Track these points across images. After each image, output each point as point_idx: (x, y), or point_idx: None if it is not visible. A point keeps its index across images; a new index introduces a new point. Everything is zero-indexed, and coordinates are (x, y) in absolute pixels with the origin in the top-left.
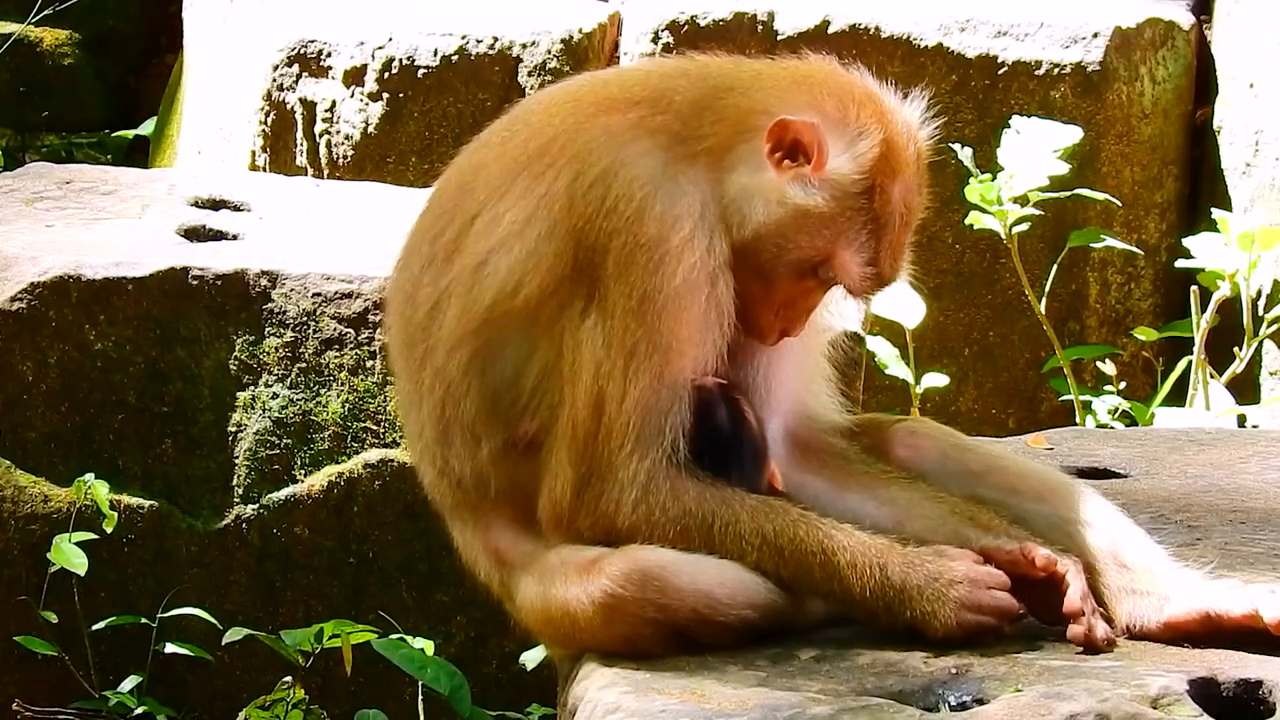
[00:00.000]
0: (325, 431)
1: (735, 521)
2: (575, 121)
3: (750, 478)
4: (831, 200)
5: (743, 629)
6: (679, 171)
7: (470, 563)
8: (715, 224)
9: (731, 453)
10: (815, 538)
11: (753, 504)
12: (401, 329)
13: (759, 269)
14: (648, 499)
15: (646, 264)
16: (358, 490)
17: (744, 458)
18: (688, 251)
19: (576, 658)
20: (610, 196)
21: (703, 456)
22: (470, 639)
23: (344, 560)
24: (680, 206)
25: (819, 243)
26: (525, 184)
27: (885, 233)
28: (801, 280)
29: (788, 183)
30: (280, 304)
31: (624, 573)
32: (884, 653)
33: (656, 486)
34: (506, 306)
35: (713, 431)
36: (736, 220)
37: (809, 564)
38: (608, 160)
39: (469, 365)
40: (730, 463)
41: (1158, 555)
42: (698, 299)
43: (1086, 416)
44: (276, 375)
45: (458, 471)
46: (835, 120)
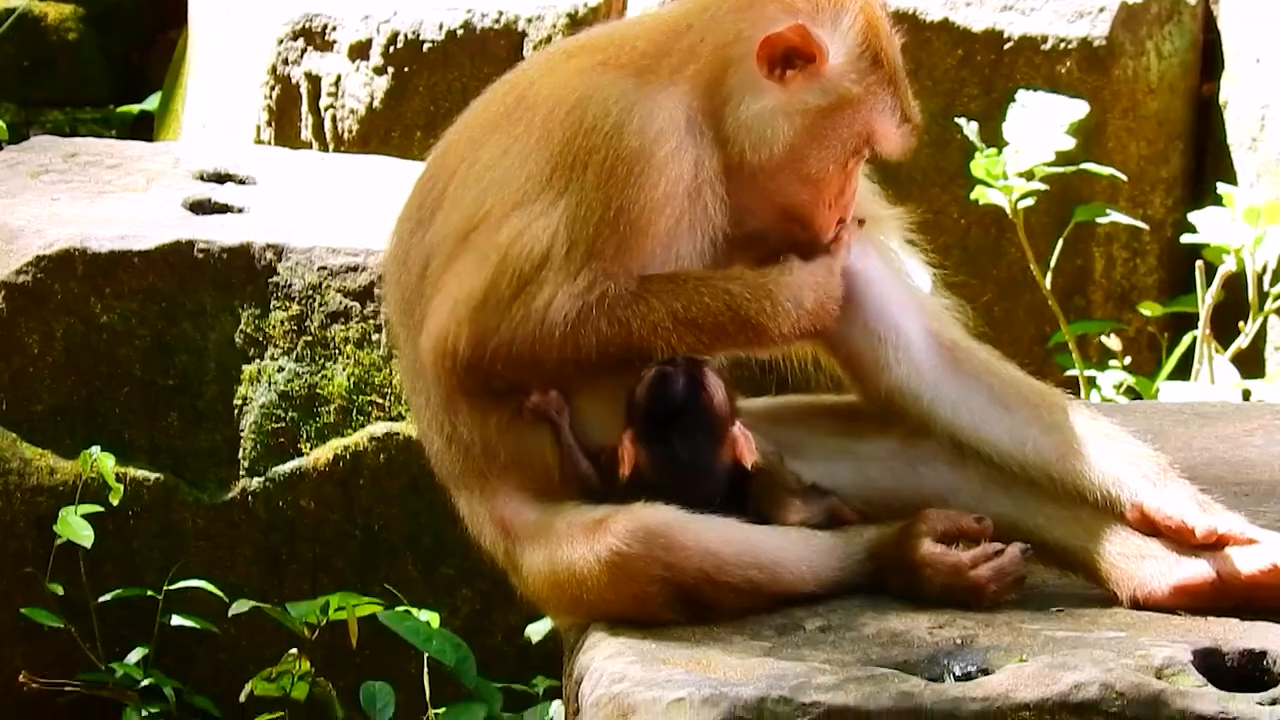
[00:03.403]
0: (331, 405)
1: (649, 310)
2: (548, 69)
3: (699, 448)
4: (850, 85)
5: (750, 591)
6: (656, 91)
7: (475, 533)
8: (708, 144)
9: (677, 422)
10: (720, 299)
11: (659, 287)
12: (398, 296)
13: (805, 177)
14: (578, 311)
15: (626, 176)
16: (363, 463)
17: (694, 428)
18: (672, 164)
19: (583, 627)
20: (588, 118)
21: (648, 425)
22: (475, 611)
23: (349, 533)
24: (661, 121)
25: (857, 128)
26: (503, 129)
27: (900, 84)
28: (846, 166)
29: (800, 92)
30: (286, 277)
31: (630, 530)
32: (889, 623)
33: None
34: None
35: (663, 402)
36: (752, 143)
37: (722, 325)
38: (582, 90)
39: None
40: (675, 432)
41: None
42: (676, 213)
43: (1092, 391)
44: (282, 348)
45: (465, 439)
46: (811, 13)
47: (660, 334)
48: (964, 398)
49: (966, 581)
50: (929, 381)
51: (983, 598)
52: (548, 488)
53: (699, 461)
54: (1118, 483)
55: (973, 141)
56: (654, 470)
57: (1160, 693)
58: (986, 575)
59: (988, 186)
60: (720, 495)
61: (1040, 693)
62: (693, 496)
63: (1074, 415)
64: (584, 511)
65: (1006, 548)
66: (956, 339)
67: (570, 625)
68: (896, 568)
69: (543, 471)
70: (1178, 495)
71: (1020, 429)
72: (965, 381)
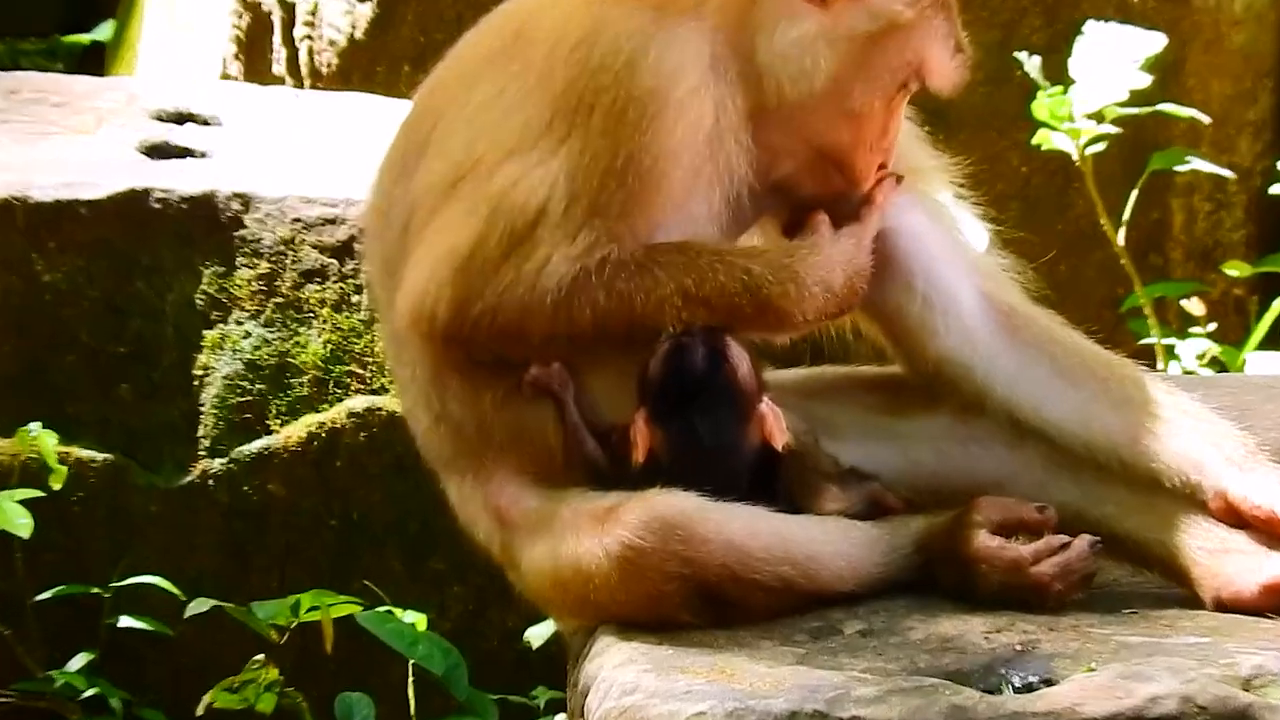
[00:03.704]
0: (304, 376)
1: (654, 285)
2: (550, 2)
3: (721, 427)
4: (901, 8)
5: (780, 590)
6: (676, 24)
7: (468, 523)
8: (733, 82)
9: (697, 398)
10: (737, 279)
11: (668, 258)
12: (380, 253)
13: (847, 113)
14: (574, 278)
15: (638, 120)
16: (341, 442)
17: (716, 405)
18: (691, 105)
19: (590, 630)
20: (595, 55)
21: (664, 401)
22: (468, 612)
23: (325, 522)
24: (680, 56)
25: (906, 55)
26: (499, 66)
27: (952, 9)
28: (890, 102)
29: (845, 16)
30: (254, 230)
31: (643, 521)
32: (939, 627)
33: (585, 274)
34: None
35: (681, 375)
36: (790, 75)
37: (738, 307)
38: (589, 23)
39: None
40: (694, 410)
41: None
42: (694, 164)
43: (1170, 362)
44: (249, 311)
45: (457, 417)
46: None
47: (668, 311)
48: (1023, 370)
49: (1027, 579)
50: (983, 351)
51: (1046, 597)
52: (550, 472)
53: (722, 442)
54: (1198, 467)
55: (1034, 79)
56: (671, 453)
57: (1248, 707)
58: (1050, 572)
59: (1051, 130)
60: (746, 481)
61: (1111, 707)
62: (715, 482)
63: (1148, 390)
64: (591, 499)
65: (1072, 541)
66: (1014, 303)
67: (576, 628)
68: (947, 563)
69: (544, 454)
70: (1267, 481)
71: (1087, 405)
72: (1024, 351)
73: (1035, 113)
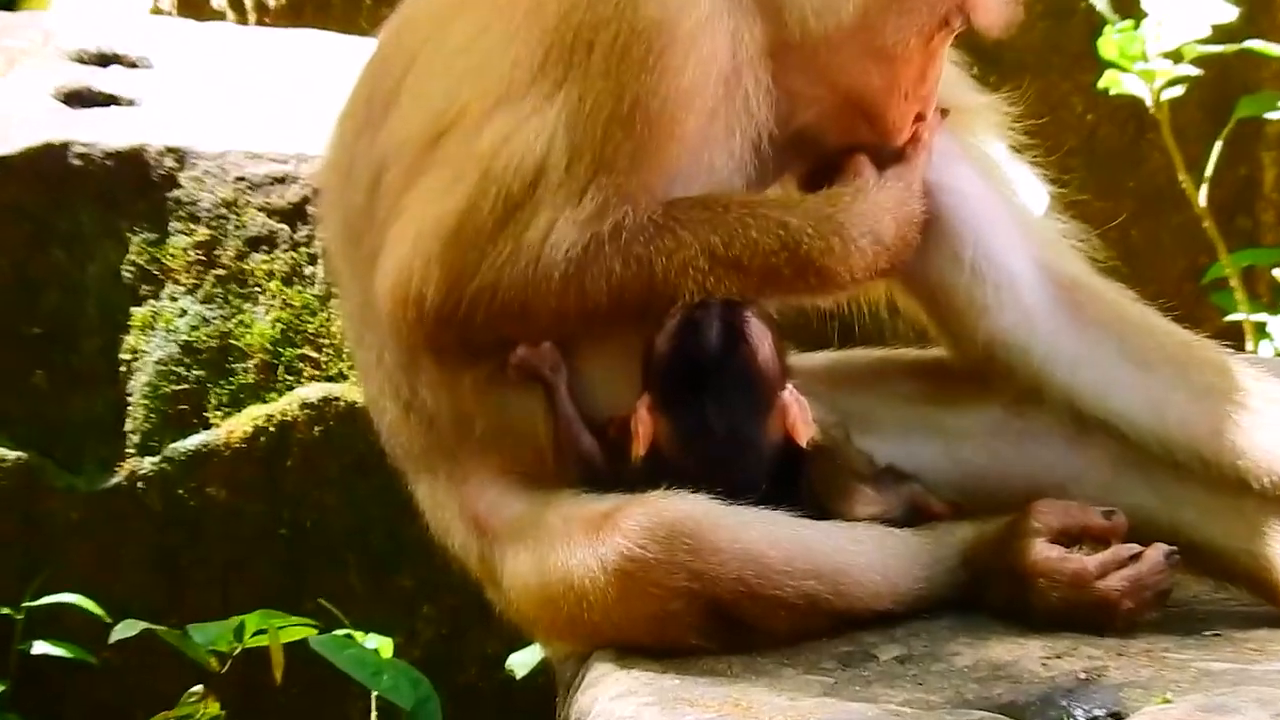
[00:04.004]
0: (250, 360)
1: (677, 246)
2: None
3: (738, 419)
4: None
5: (805, 609)
6: None
7: (441, 531)
8: (750, 12)
9: (709, 384)
10: (772, 234)
11: (691, 214)
12: (340, 218)
13: (879, 53)
14: (584, 246)
15: (644, 57)
16: (292, 438)
17: (732, 392)
18: (703, 38)
19: (584, 657)
20: None
21: (672, 387)
22: (441, 636)
23: (273, 530)
24: None
25: None
26: None
27: None
28: (929, 42)
29: None
30: (191, 191)
31: (645, 528)
32: (990, 652)
33: (597, 241)
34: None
35: (691, 357)
36: (815, 8)
37: (774, 268)
38: None
39: None
40: (707, 398)
41: None
42: (709, 106)
43: (1260, 342)
44: (185, 285)
45: (430, 406)
46: None
47: (693, 277)
48: (1088, 353)
49: (1093, 595)
50: (1041, 331)
51: (1114, 617)
52: (538, 471)
53: (738, 436)
54: None
55: (1101, 12)
56: (678, 448)
57: None
58: (1119, 587)
59: (1121, 72)
60: (766, 481)
61: None
62: (729, 483)
63: (1234, 375)
64: (586, 503)
65: (1145, 551)
66: (1078, 275)
67: (567, 654)
68: (999, 578)
69: (531, 449)
70: None
71: (1162, 394)
72: (1089, 331)
73: (1102, 52)
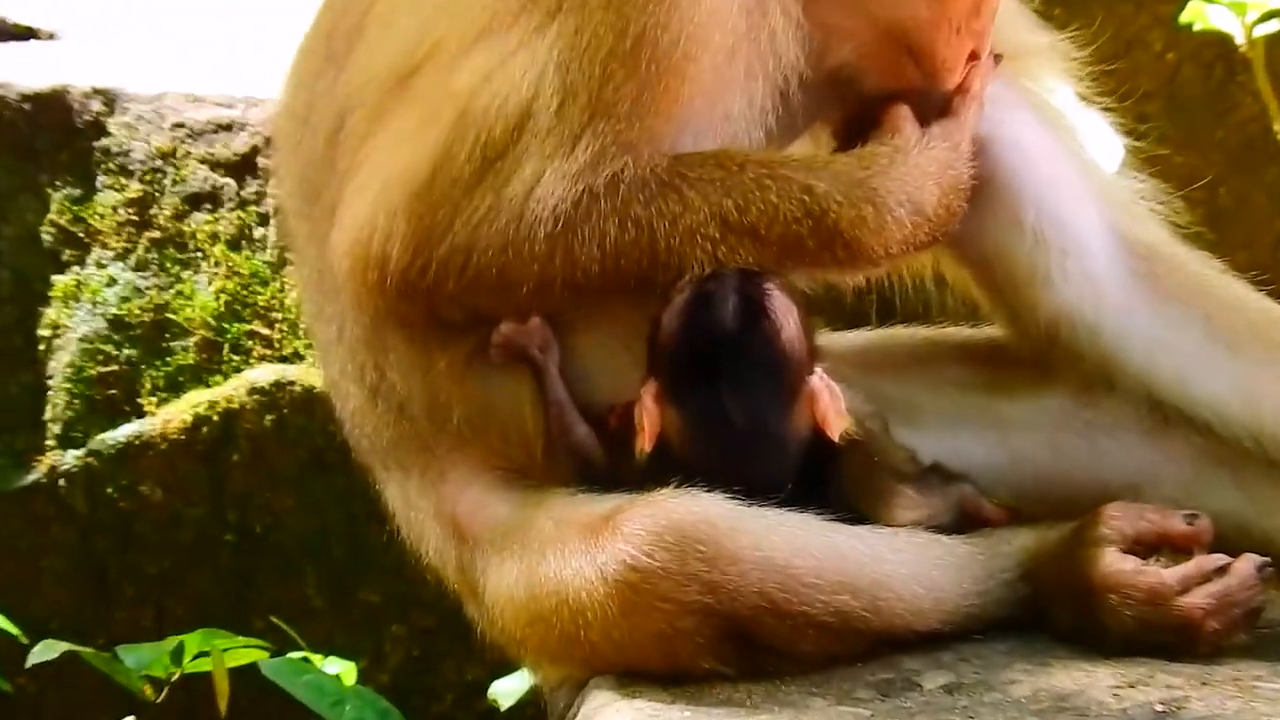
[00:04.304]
0: (190, 337)
1: (683, 209)
2: None
3: (758, 408)
4: None
5: (838, 628)
6: None
7: (413, 536)
8: None
9: (726, 369)
10: (795, 199)
11: (700, 172)
12: (297, 172)
13: None
14: (576, 202)
15: None
16: (239, 428)
17: (751, 378)
18: None
19: (580, 684)
20: None
21: (681, 372)
22: (412, 660)
23: (217, 537)
24: None
25: None
26: None
27: None
28: None
29: None
30: (122, 140)
31: (652, 532)
32: (1053, 679)
33: (592, 198)
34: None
35: (705, 337)
36: None
37: (797, 238)
38: None
39: None
40: (722, 384)
41: None
42: (728, 43)
43: None
44: (114, 250)
45: (400, 391)
46: None
47: (701, 245)
48: (1167, 332)
49: (1172, 615)
50: (1114, 307)
51: (1197, 639)
52: (526, 467)
53: (759, 429)
54: None
55: None
56: (689, 442)
57: None
58: (1203, 605)
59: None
60: (791, 480)
61: None
62: (749, 481)
63: None
64: (582, 503)
65: (1232, 563)
66: (1156, 242)
67: (560, 680)
68: (1064, 593)
69: (518, 442)
70: None
71: (1254, 380)
72: (1169, 307)
73: None
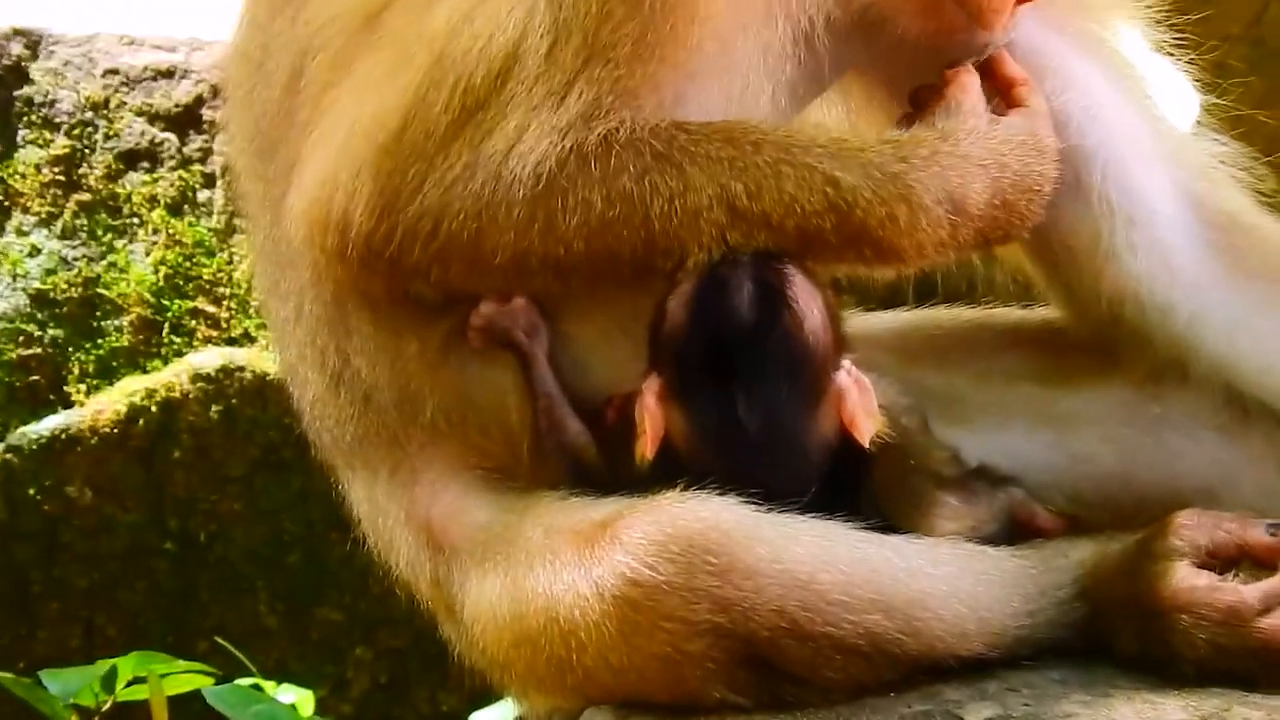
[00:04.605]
0: (124, 317)
1: (683, 188)
2: None
3: (778, 409)
4: None
5: (869, 653)
6: None
7: (382, 546)
8: None
9: (740, 364)
10: (816, 189)
11: (706, 146)
12: (250, 125)
13: None
14: (562, 160)
15: None
16: (179, 420)
17: (769, 374)
18: None
19: (572, 715)
20: None
21: (689, 367)
22: (379, 687)
23: (155, 546)
24: None
25: None
26: None
27: None
28: None
29: None
30: (45, 88)
31: (655, 542)
32: (1114, 712)
33: (581, 159)
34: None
35: (717, 328)
36: None
37: (818, 232)
38: None
39: None
40: (736, 381)
41: None
42: None
43: None
44: (38, 215)
45: (366, 379)
46: None
47: (703, 230)
48: (1250, 314)
49: (1252, 638)
50: (1188, 284)
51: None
52: (510, 466)
53: (776, 435)
54: None
55: None
56: (697, 449)
57: None
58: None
59: None
60: (815, 485)
61: None
62: (767, 486)
63: None
64: (575, 508)
65: None
66: (1237, 212)
67: (549, 711)
68: (1127, 613)
69: (501, 438)
70: None
71: None
72: (1252, 286)
73: None
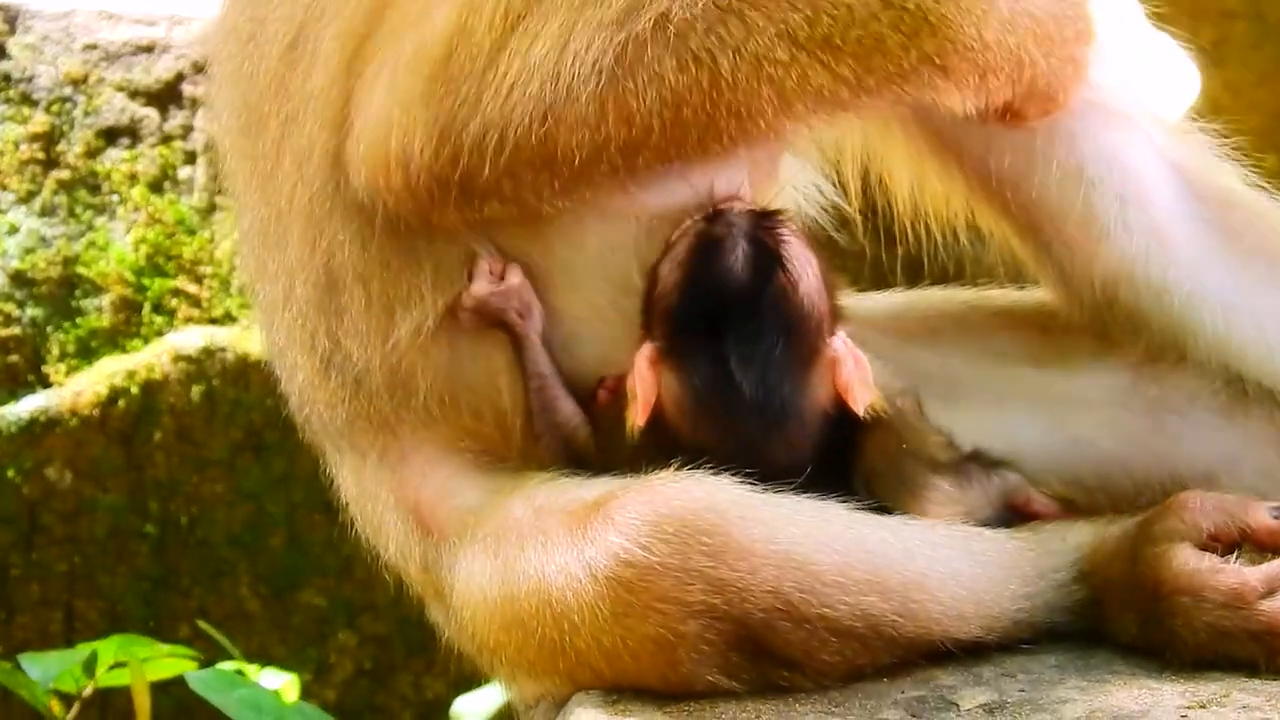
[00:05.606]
0: (103, 296)
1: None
2: None
3: (771, 375)
4: None
5: (864, 635)
6: None
7: (369, 529)
8: None
9: (733, 327)
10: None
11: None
12: (239, 101)
13: None
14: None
15: None
16: (161, 402)
17: (763, 339)
18: None
19: (561, 700)
20: None
21: (682, 332)
22: (364, 673)
23: (135, 528)
24: None
25: None
26: None
27: None
28: None
29: None
30: (23, 63)
31: (648, 522)
32: (1112, 698)
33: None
34: None
35: (709, 290)
36: None
37: (877, 37)
38: None
39: None
40: (729, 346)
41: None
42: None
43: None
44: (16, 193)
45: (357, 361)
46: None
47: (767, 77)
48: (1248, 293)
49: (1254, 621)
50: (1184, 263)
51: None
52: (501, 447)
53: (771, 398)
54: None
55: None
56: (690, 414)
57: None
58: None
59: None
60: (810, 462)
61: None
62: (759, 460)
63: None
64: (566, 488)
65: None
66: (1234, 189)
67: (538, 696)
68: (1126, 596)
69: (493, 420)
70: None
71: None
72: (1250, 265)
73: None
